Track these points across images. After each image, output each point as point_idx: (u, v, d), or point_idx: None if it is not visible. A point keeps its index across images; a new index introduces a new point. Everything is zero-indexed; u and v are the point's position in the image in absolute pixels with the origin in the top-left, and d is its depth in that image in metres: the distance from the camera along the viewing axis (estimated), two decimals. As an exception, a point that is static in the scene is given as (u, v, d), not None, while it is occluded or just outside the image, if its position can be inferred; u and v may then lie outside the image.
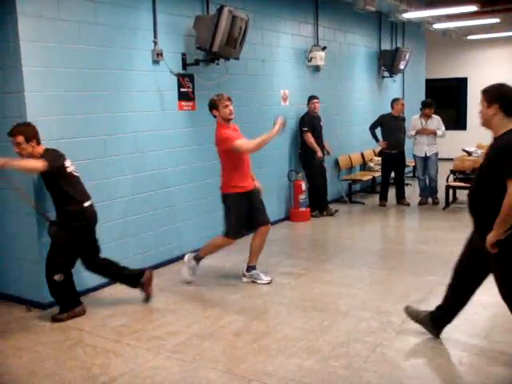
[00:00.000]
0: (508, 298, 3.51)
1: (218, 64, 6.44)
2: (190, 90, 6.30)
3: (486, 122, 3.46)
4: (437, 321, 4.04)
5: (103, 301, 5.09)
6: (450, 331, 4.17)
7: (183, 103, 6.25)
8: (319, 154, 8.21)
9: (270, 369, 3.68)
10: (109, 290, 5.35)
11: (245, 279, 5.48)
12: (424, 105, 9.23)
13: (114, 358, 3.91)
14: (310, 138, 8.17)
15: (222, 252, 6.28)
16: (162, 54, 5.80)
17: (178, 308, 4.86)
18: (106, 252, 4.94)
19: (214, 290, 5.30)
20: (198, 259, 5.51)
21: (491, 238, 3.28)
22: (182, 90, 6.20)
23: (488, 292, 3.99)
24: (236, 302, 4.97)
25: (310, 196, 8.50)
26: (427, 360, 3.82)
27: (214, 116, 5.25)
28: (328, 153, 8.78)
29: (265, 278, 5.43)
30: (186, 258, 5.56)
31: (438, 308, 4.06)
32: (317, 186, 8.43)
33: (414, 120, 9.23)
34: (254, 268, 5.48)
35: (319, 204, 8.53)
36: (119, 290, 5.33)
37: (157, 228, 6.03)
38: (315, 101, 8.31)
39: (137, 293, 5.25)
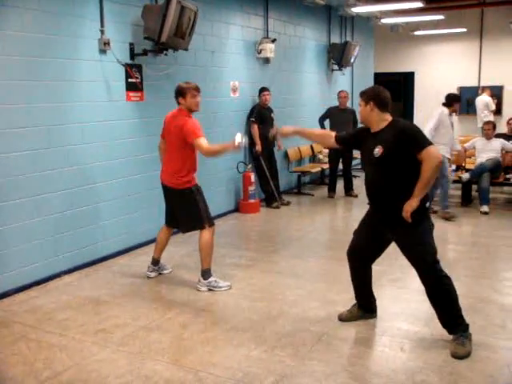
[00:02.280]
0: (424, 260, 3.81)
1: (166, 55, 6.38)
2: (138, 80, 6.22)
3: (365, 119, 3.93)
4: (365, 307, 4.32)
5: (48, 294, 4.99)
6: (392, 319, 4.31)
7: (131, 94, 6.17)
8: (257, 147, 8.27)
9: (217, 359, 3.70)
10: (54, 282, 5.25)
11: (202, 288, 5.00)
12: (455, 99, 7.77)
13: (58, 352, 3.85)
14: (254, 129, 8.23)
15: (170, 243, 6.27)
16: (109, 44, 5.70)
17: (125, 301, 4.82)
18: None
19: (161, 283, 5.27)
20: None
21: (411, 205, 3.63)
22: (129, 80, 6.11)
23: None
24: (184, 293, 4.96)
25: (261, 187, 8.58)
26: (370, 348, 3.92)
27: (179, 103, 4.95)
28: (279, 147, 8.87)
29: (224, 285, 5.05)
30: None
31: (357, 297, 4.33)
32: (264, 176, 8.50)
33: (443, 115, 7.46)
34: (210, 274, 5.04)
35: (268, 195, 8.60)
36: (65, 282, 5.25)
37: (110, 218, 5.96)
38: (266, 93, 8.36)
39: (84, 285, 5.19)
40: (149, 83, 6.35)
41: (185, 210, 5.04)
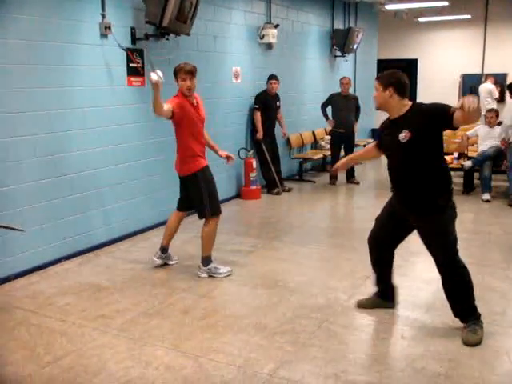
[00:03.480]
0: (445, 250, 3.76)
1: (168, 39, 6.33)
2: (140, 65, 6.18)
3: (383, 105, 3.80)
4: (384, 295, 4.25)
5: (49, 279, 5.00)
6: (393, 306, 4.30)
7: (132, 79, 6.13)
8: (258, 134, 8.26)
9: (217, 345, 3.71)
10: (55, 268, 5.26)
11: (202, 274, 5.00)
12: None
13: (59, 337, 3.85)
14: (257, 116, 8.23)
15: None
16: (110, 28, 5.65)
17: (126, 286, 4.82)
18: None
19: (161, 269, 5.27)
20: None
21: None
22: (131, 65, 6.07)
23: (429, 268, 4.13)
24: (184, 279, 4.96)
25: (263, 174, 8.57)
26: (371, 334, 3.92)
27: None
28: (284, 135, 8.90)
29: (224, 270, 5.02)
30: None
31: (377, 283, 4.27)
32: (265, 163, 8.49)
33: None
34: (210, 260, 5.03)
35: (269, 182, 8.59)
36: (66, 268, 5.26)
37: (111, 204, 5.96)
38: (272, 81, 8.33)
39: (84, 271, 5.20)
40: (150, 68, 6.29)
41: (192, 196, 4.95)
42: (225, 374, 3.36)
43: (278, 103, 8.54)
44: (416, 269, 5.28)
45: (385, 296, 4.26)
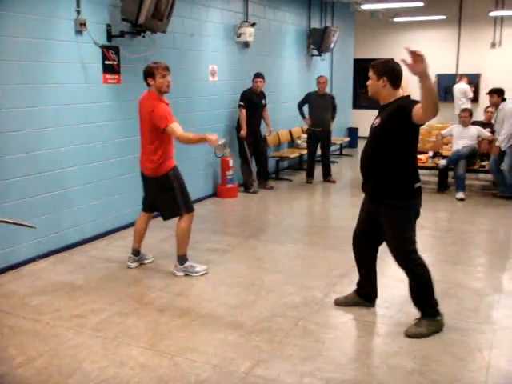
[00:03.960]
0: (398, 247, 3.86)
1: (144, 37, 6.27)
2: (115, 62, 6.12)
3: (375, 93, 3.83)
4: (363, 295, 4.28)
5: (23, 279, 4.93)
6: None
7: (108, 76, 6.07)
8: (242, 132, 8.28)
9: (193, 344, 3.70)
10: (28, 267, 5.19)
11: (178, 273, 4.97)
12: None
13: (32, 337, 3.80)
14: (242, 114, 8.27)
15: (148, 228, 6.22)
16: (85, 24, 5.59)
17: (101, 285, 4.78)
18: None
19: (138, 268, 5.23)
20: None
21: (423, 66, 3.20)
22: (106, 62, 6.01)
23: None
24: (160, 278, 4.93)
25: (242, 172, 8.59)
26: (346, 332, 3.95)
27: (148, 85, 4.75)
28: (268, 133, 8.96)
29: (200, 269, 5.00)
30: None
31: (358, 284, 4.29)
32: (246, 161, 8.52)
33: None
34: (186, 259, 5.00)
35: (247, 181, 8.60)
36: (40, 267, 5.19)
37: (86, 202, 5.89)
38: (258, 79, 8.40)
39: (59, 270, 5.14)
40: (126, 66, 6.25)
41: (162, 197, 4.91)
42: (200, 372, 3.35)
43: (263, 101, 8.57)
44: (390, 267, 5.31)
45: (366, 296, 4.28)
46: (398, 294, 4.47)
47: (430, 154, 8.74)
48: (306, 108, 9.41)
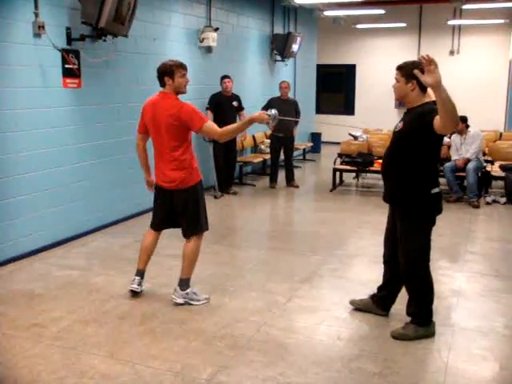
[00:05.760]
0: (404, 254, 3.82)
1: (105, 41, 6.20)
2: (76, 66, 6.03)
3: (402, 97, 3.75)
4: (380, 302, 4.22)
5: (-21, 288, 4.81)
6: (330, 308, 4.38)
7: (68, 80, 5.97)
8: None
9: (155, 352, 3.66)
10: (-15, 276, 5.06)
11: (179, 300, 4.42)
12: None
13: (-12, 348, 3.71)
14: (207, 116, 8.19)
15: (109, 234, 6.15)
16: (44, 27, 5.48)
17: (61, 293, 4.69)
18: None
19: (99, 274, 5.15)
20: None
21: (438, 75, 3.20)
22: (66, 66, 5.91)
23: (366, 270, 4.22)
24: (122, 285, 4.86)
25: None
26: (308, 337, 3.96)
27: (163, 85, 4.31)
28: (243, 138, 9.00)
29: (202, 297, 4.52)
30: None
31: (379, 289, 4.23)
32: (218, 165, 8.56)
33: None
34: (189, 284, 4.47)
35: (220, 184, 8.60)
36: (-3, 275, 5.07)
37: (46, 208, 5.78)
38: (226, 80, 8.43)
39: (17, 278, 5.02)
40: (87, 70, 6.16)
41: (188, 211, 4.41)
42: (162, 380, 3.32)
43: (234, 103, 8.53)
44: (354, 271, 5.39)
45: (381, 302, 4.21)
46: (360, 298, 4.50)
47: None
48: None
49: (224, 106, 8.37)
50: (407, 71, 3.62)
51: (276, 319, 4.19)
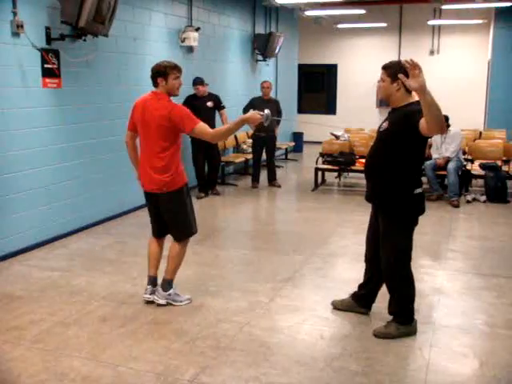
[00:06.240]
0: (386, 255, 3.84)
1: (85, 40, 6.15)
2: (56, 66, 5.97)
3: (388, 96, 3.74)
4: (361, 300, 4.23)
5: (-43, 291, 4.73)
6: (312, 307, 4.39)
7: (48, 80, 5.91)
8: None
9: (136, 353, 3.64)
10: (-36, 278, 4.98)
11: (160, 301, 4.41)
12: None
13: (-34, 352, 3.66)
14: None
15: (91, 235, 6.11)
16: (22, 26, 5.41)
17: (42, 295, 4.64)
18: None
19: (79, 276, 5.11)
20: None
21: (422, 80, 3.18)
22: (46, 66, 5.85)
23: (348, 269, 4.24)
24: (103, 286, 4.83)
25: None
26: (291, 336, 3.96)
27: (156, 86, 4.21)
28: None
29: (184, 298, 4.51)
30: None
31: (360, 287, 4.24)
32: (198, 165, 8.51)
33: None
34: (172, 285, 4.46)
35: (202, 184, 8.60)
36: (-24, 278, 5.00)
37: (26, 209, 5.70)
38: (197, 86, 8.30)
39: (-4, 281, 4.96)
40: (67, 70, 6.10)
41: (174, 215, 4.34)
42: (144, 381, 3.30)
43: (209, 103, 8.42)
44: (336, 270, 5.41)
45: (361, 300, 4.23)
46: (342, 297, 4.51)
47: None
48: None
49: (198, 107, 8.29)
50: (393, 71, 3.60)
51: (259, 319, 4.18)
